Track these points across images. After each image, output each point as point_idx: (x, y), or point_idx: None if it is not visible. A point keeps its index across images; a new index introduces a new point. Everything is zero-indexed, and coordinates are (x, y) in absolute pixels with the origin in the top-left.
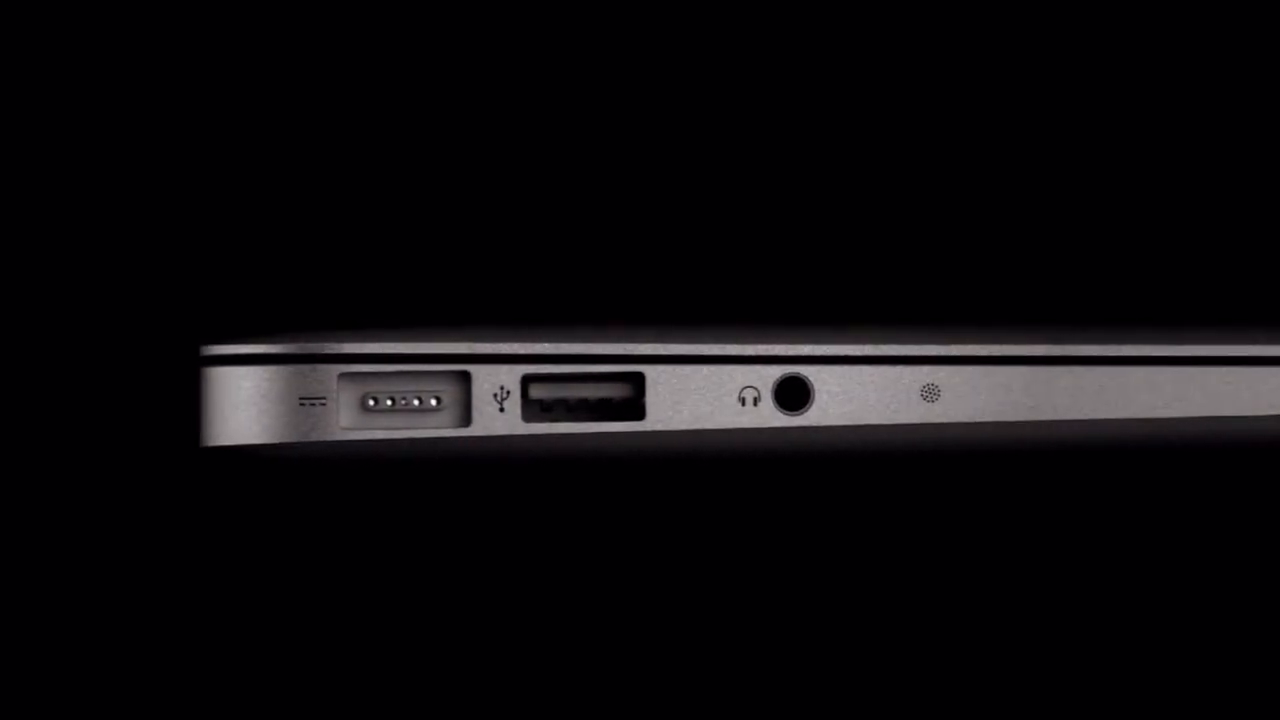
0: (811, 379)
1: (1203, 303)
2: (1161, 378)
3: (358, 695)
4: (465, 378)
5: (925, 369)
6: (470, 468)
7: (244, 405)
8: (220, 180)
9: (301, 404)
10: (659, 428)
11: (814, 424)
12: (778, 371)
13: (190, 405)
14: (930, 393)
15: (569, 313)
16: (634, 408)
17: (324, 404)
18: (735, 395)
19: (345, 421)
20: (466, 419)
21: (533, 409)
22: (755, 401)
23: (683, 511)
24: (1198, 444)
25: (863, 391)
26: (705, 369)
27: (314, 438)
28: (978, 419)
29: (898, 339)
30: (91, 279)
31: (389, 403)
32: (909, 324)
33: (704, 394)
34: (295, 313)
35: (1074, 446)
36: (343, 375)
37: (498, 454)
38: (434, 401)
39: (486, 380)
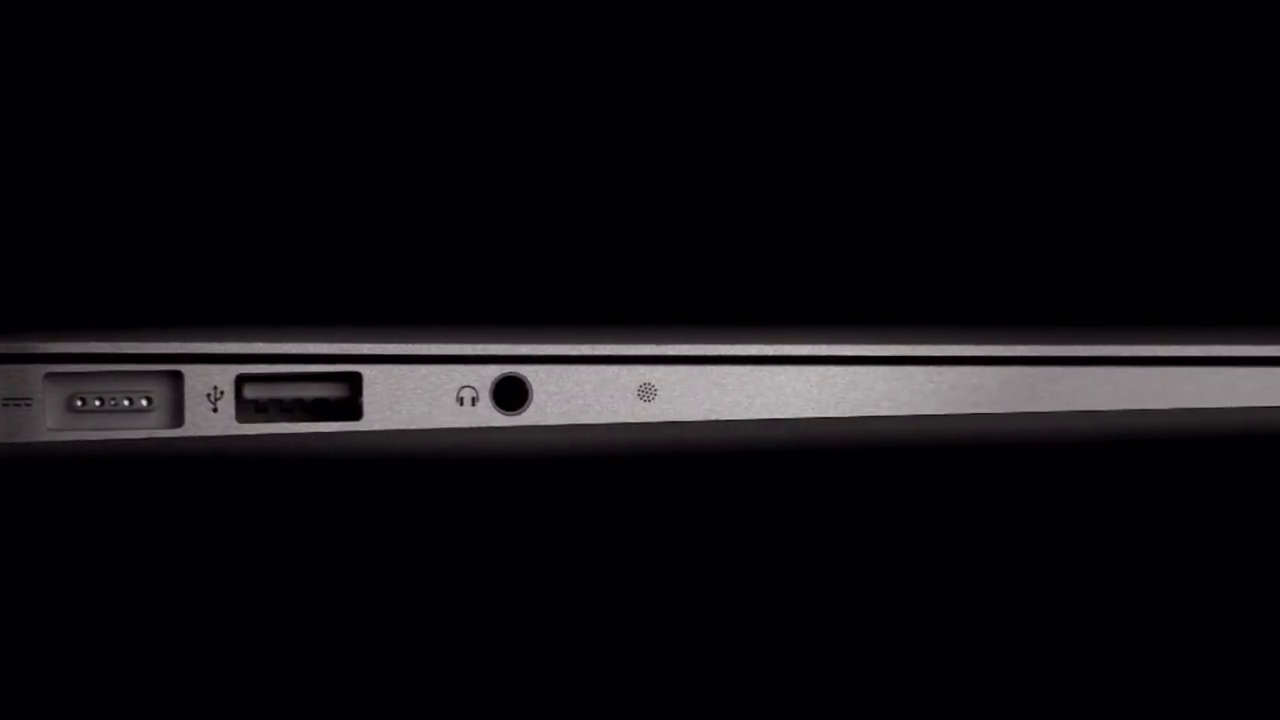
0: (529, 379)
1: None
2: (853, 376)
3: (68, 700)
4: (177, 378)
5: (642, 368)
6: (183, 469)
7: None
8: None
9: (5, 405)
10: (376, 428)
11: (532, 423)
12: (496, 371)
13: None
14: (647, 392)
15: (285, 313)
16: (350, 408)
17: (29, 405)
18: (453, 395)
19: (51, 423)
20: (178, 419)
21: (247, 409)
22: (473, 401)
23: (399, 512)
24: (916, 443)
25: (580, 391)
26: (423, 369)
27: (18, 439)
28: (693, 418)
29: (614, 339)
30: None
31: (97, 403)
32: (626, 324)
33: (421, 394)
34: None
35: (788, 445)
36: (49, 375)
37: (211, 455)
38: (144, 402)
39: (199, 380)
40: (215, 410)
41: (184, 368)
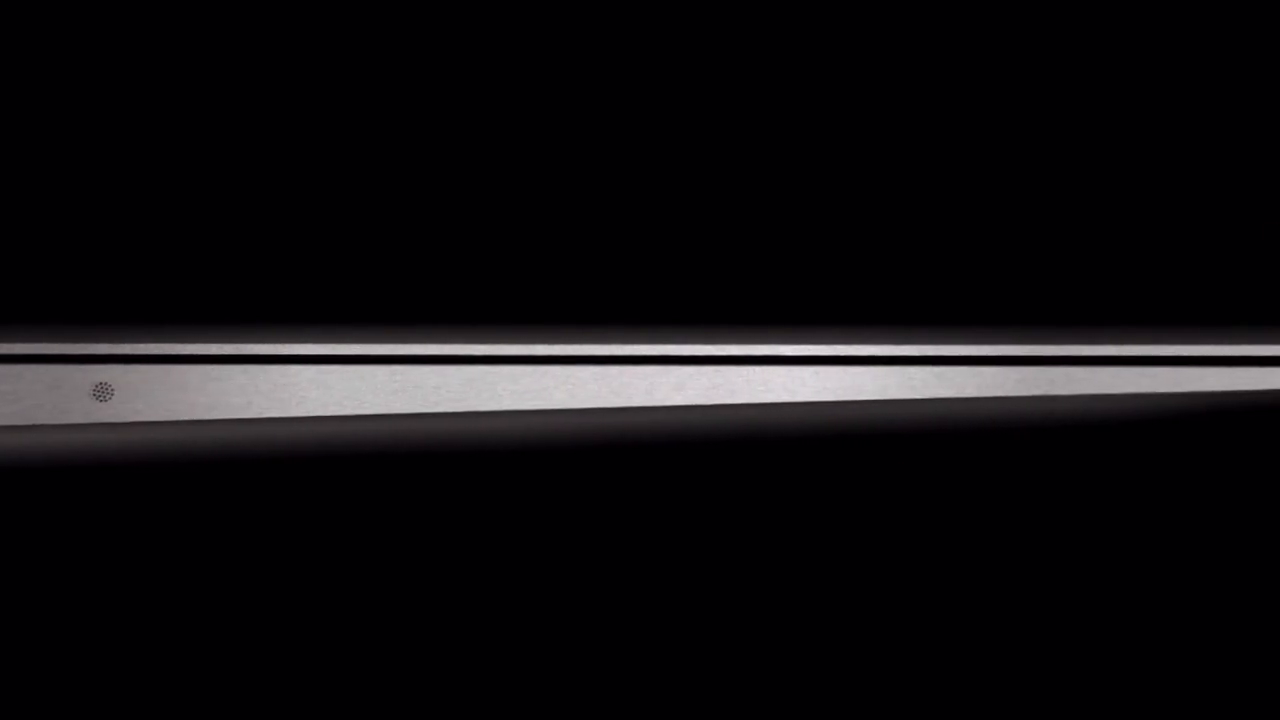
0: None
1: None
2: (316, 375)
3: None
4: None
5: (97, 368)
6: None
7: None
8: None
9: None
10: None
11: None
12: None
13: None
14: (103, 392)
15: None
16: None
17: None
18: None
19: None
20: None
21: None
22: None
23: None
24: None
25: (31, 391)
26: None
27: None
28: (153, 419)
29: (67, 337)
30: None
31: None
32: (78, 322)
33: None
34: None
35: (250, 449)
36: None
37: None
38: None
39: None
40: None
41: None
